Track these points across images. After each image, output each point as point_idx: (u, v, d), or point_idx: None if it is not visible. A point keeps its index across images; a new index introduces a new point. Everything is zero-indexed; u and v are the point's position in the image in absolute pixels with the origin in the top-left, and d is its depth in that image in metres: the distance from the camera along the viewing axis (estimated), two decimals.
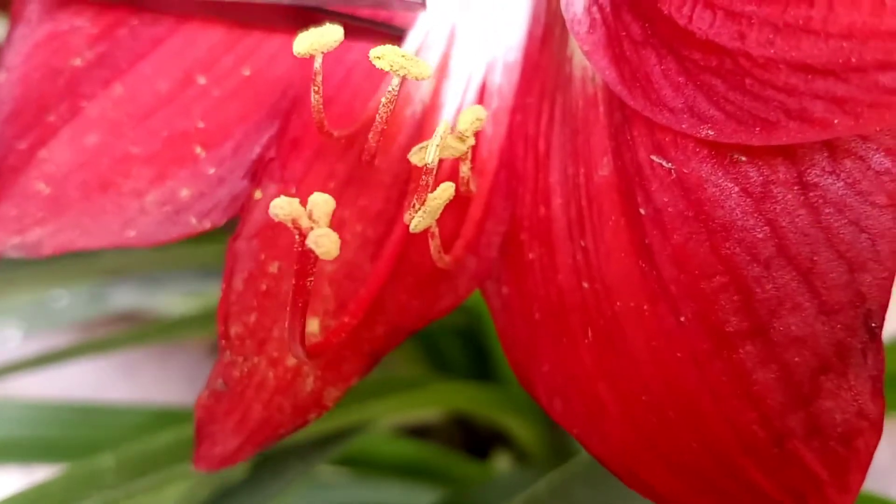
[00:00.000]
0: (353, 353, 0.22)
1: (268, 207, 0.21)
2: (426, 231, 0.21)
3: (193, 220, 0.24)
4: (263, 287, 0.24)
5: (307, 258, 0.19)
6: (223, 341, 0.23)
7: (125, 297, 0.60)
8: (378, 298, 0.22)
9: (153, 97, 0.25)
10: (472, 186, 0.22)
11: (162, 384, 0.80)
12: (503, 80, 0.23)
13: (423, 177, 0.20)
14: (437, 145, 0.20)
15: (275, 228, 0.22)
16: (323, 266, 0.23)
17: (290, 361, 0.22)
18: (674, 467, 0.19)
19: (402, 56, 0.20)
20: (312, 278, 0.20)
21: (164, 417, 0.48)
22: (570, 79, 0.22)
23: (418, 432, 0.77)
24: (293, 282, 0.20)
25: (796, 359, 0.16)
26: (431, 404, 0.59)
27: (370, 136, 0.21)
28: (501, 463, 0.65)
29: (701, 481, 0.18)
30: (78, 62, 0.25)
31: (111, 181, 0.25)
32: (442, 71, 0.24)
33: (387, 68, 0.21)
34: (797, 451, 0.17)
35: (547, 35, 0.23)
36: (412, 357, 0.62)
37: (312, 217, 0.19)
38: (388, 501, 0.54)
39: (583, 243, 0.21)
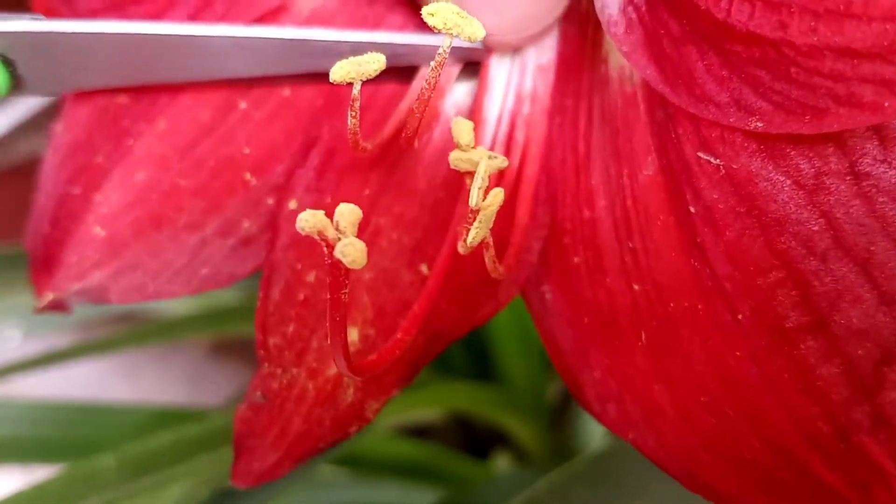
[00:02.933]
0: (394, 365, 0.21)
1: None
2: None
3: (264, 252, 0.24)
4: (301, 297, 0.23)
5: (338, 270, 0.19)
6: (262, 352, 0.22)
7: None
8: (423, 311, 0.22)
9: (196, 127, 0.25)
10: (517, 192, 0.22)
11: (162, 384, 0.80)
12: (538, 83, 0.23)
13: (473, 188, 0.20)
14: (484, 158, 0.20)
15: (310, 239, 0.22)
16: (360, 275, 0.23)
17: (331, 372, 0.22)
18: (735, 466, 0.19)
19: (457, 13, 0.20)
20: (347, 289, 0.19)
21: (164, 417, 0.48)
22: (607, 79, 0.22)
23: (418, 432, 0.77)
24: (328, 295, 0.19)
25: (859, 351, 0.16)
26: (432, 404, 0.59)
27: (403, 135, 0.21)
28: (501, 463, 0.65)
29: (764, 479, 0.18)
30: (122, 99, 0.25)
31: (164, 216, 0.24)
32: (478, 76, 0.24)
33: (439, 26, 0.20)
34: (863, 444, 0.16)
35: (580, 36, 0.23)
36: None
37: (339, 228, 0.18)
38: (387, 501, 0.55)
39: (631, 244, 0.20)
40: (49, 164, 0.26)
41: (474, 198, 0.19)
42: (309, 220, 0.18)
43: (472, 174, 0.20)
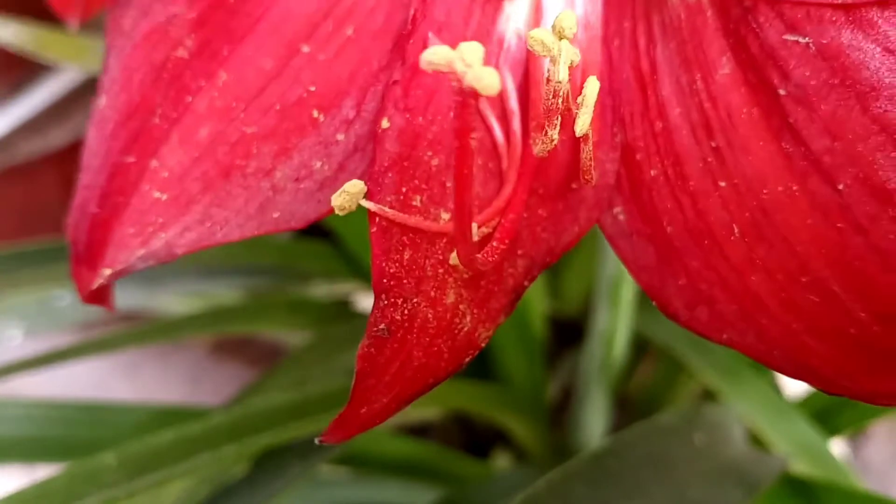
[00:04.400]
0: (499, 288, 0.22)
1: (398, 134, 0.21)
2: (555, 156, 0.22)
3: None
4: (412, 221, 0.23)
5: (468, 108, 0.18)
6: (378, 286, 0.22)
7: (126, 297, 0.60)
8: (518, 227, 0.22)
9: (260, 76, 0.25)
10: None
11: (163, 383, 0.80)
12: (588, 8, 0.24)
13: (559, 64, 0.20)
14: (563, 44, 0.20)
15: (410, 158, 0.22)
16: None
17: (449, 299, 0.22)
18: (841, 345, 0.19)
19: None
20: (476, 136, 0.20)
21: (165, 416, 0.48)
22: None
23: (418, 431, 0.77)
24: (456, 143, 0.19)
25: None
26: (432, 403, 0.59)
27: None
28: (501, 462, 0.66)
29: (871, 354, 0.19)
30: (181, 52, 0.24)
31: (232, 165, 0.24)
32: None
33: None
34: None
35: None
36: None
37: (465, 61, 0.18)
38: (387, 500, 0.55)
39: (713, 144, 0.21)
40: (95, 137, 0.25)
41: (560, 72, 0.20)
42: (438, 53, 0.18)
43: (550, 60, 0.21)
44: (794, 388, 0.70)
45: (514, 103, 0.24)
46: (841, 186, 0.18)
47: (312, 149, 0.25)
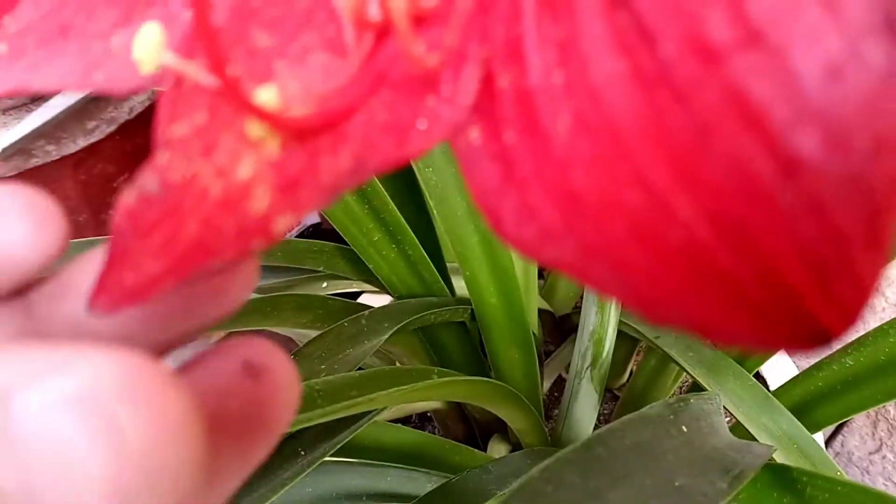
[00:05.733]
0: (310, 181, 0.19)
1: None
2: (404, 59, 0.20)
3: None
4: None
5: None
6: (162, 143, 0.19)
7: None
8: (349, 124, 0.20)
9: None
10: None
11: None
12: None
13: None
14: None
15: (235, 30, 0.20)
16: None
17: (243, 173, 0.19)
18: (665, 255, 0.16)
19: None
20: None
21: None
22: None
23: (418, 422, 0.79)
24: None
25: (802, 64, 0.14)
26: (431, 397, 0.61)
27: None
28: (500, 452, 0.67)
29: (697, 266, 0.15)
30: None
31: (72, 24, 0.23)
32: None
33: None
34: (814, 189, 0.14)
35: None
36: (414, 353, 0.64)
37: None
38: (387, 488, 0.56)
39: (551, 29, 0.19)
40: None
41: None
42: None
43: None
44: (777, 381, 0.72)
45: None
46: (664, 54, 0.16)
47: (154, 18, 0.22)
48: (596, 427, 0.64)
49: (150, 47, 0.19)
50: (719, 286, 0.15)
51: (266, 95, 0.20)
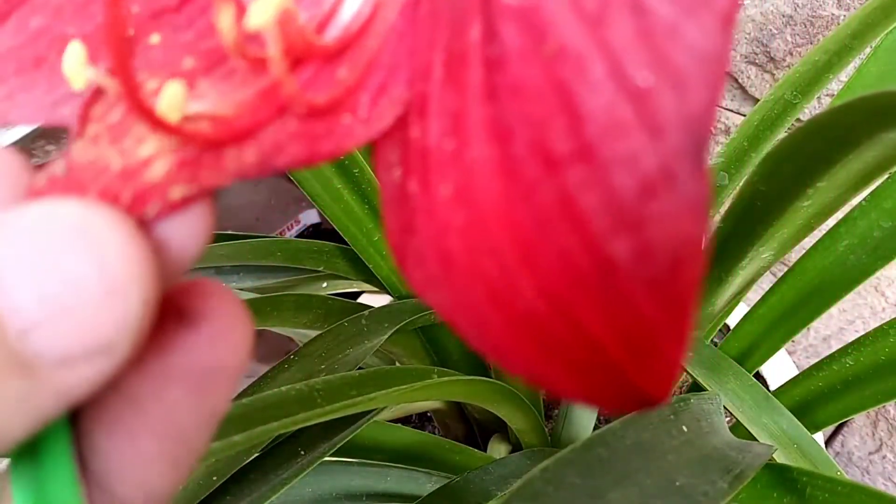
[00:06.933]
0: (215, 165, 0.21)
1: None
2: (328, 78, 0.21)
3: None
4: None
5: None
6: (77, 132, 0.21)
7: None
8: (257, 128, 0.21)
9: None
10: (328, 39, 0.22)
11: None
12: None
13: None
14: None
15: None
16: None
17: (145, 152, 0.21)
18: (512, 317, 0.18)
19: None
20: None
21: None
22: None
23: (418, 422, 0.79)
24: None
25: (622, 181, 0.16)
26: (431, 397, 0.61)
27: None
28: (500, 453, 0.67)
29: (537, 330, 0.18)
30: None
31: (45, 58, 0.25)
32: None
33: None
34: (624, 282, 0.16)
35: None
36: (414, 353, 0.64)
37: None
38: (388, 488, 0.56)
39: (451, 103, 0.20)
40: None
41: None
42: None
43: None
44: (777, 381, 0.72)
45: None
46: (517, 151, 0.18)
47: None
48: (596, 427, 0.64)
49: (75, 63, 0.21)
50: (557, 354, 0.18)
51: (169, 106, 0.21)
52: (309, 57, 0.22)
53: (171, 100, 0.20)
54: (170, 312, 0.18)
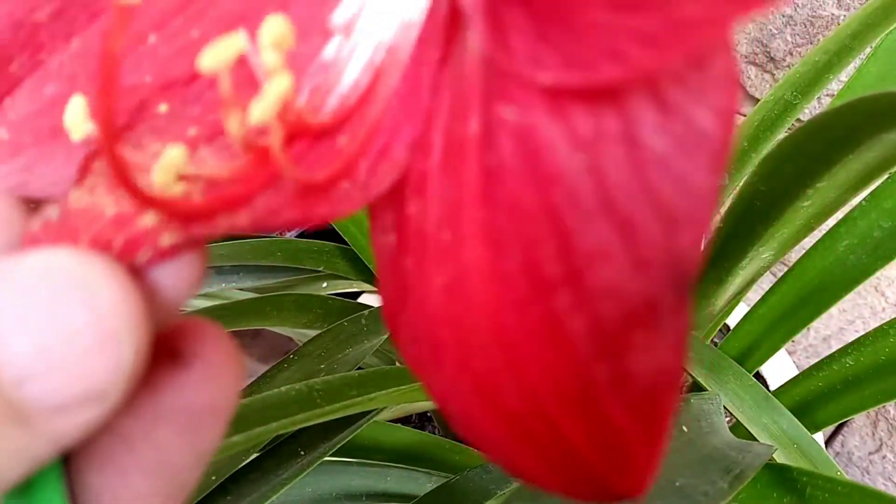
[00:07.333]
0: (207, 221, 0.21)
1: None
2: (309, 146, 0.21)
3: None
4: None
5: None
6: (76, 183, 0.22)
7: None
8: (251, 196, 0.22)
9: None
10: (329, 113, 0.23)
11: None
12: (401, 38, 0.23)
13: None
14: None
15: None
16: None
17: (146, 221, 0.21)
18: (498, 414, 0.19)
19: None
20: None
21: None
22: (465, 46, 0.23)
23: (418, 422, 0.79)
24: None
25: (607, 309, 0.17)
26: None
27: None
28: None
29: (520, 430, 0.19)
30: (40, 16, 0.25)
31: (61, 128, 0.24)
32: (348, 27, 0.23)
33: None
34: (604, 403, 0.17)
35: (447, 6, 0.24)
36: None
37: None
38: (388, 488, 0.56)
39: (448, 193, 0.21)
40: None
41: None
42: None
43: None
44: (777, 381, 0.72)
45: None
46: (508, 265, 0.18)
47: None
48: None
49: (76, 116, 0.21)
50: (536, 450, 0.19)
51: (168, 168, 0.21)
52: (308, 133, 0.22)
53: (170, 161, 0.21)
54: (162, 353, 0.18)
